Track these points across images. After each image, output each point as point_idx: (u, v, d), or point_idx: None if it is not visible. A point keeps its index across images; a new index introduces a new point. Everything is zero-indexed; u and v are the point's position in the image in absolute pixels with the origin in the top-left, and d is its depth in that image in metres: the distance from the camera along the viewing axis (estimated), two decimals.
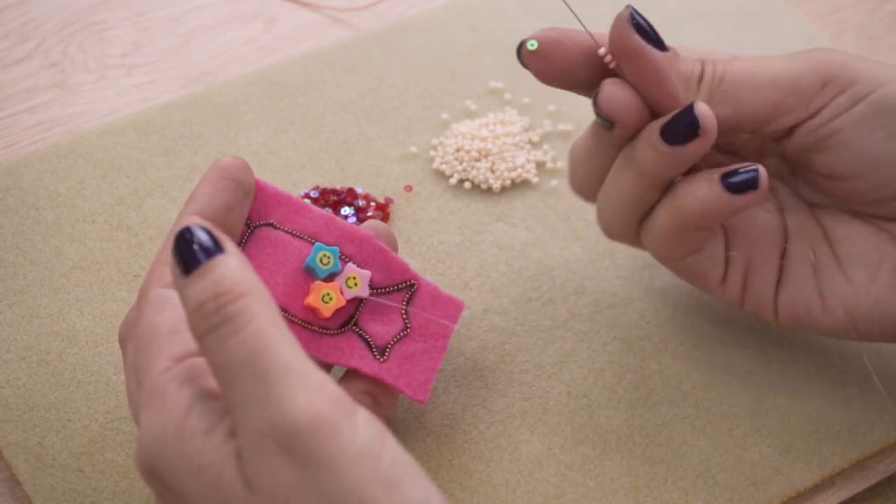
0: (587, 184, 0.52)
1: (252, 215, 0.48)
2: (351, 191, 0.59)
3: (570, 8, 0.49)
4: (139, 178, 0.61)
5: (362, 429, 0.38)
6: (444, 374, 0.53)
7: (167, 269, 0.43)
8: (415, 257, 0.58)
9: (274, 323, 0.38)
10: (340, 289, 0.48)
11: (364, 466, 0.37)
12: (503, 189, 0.61)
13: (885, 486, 0.52)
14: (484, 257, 0.58)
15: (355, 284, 0.48)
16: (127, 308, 0.55)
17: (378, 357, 0.48)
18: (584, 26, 0.49)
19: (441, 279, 0.57)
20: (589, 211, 0.60)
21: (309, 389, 0.37)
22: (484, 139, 0.62)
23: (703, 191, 0.47)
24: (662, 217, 0.49)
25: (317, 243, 0.48)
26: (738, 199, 0.47)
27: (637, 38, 0.47)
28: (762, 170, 0.47)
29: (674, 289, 0.57)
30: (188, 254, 0.40)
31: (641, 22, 0.47)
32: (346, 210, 0.58)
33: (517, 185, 0.61)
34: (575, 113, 0.65)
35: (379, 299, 0.49)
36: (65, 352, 0.53)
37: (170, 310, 0.43)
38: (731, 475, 0.50)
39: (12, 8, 0.72)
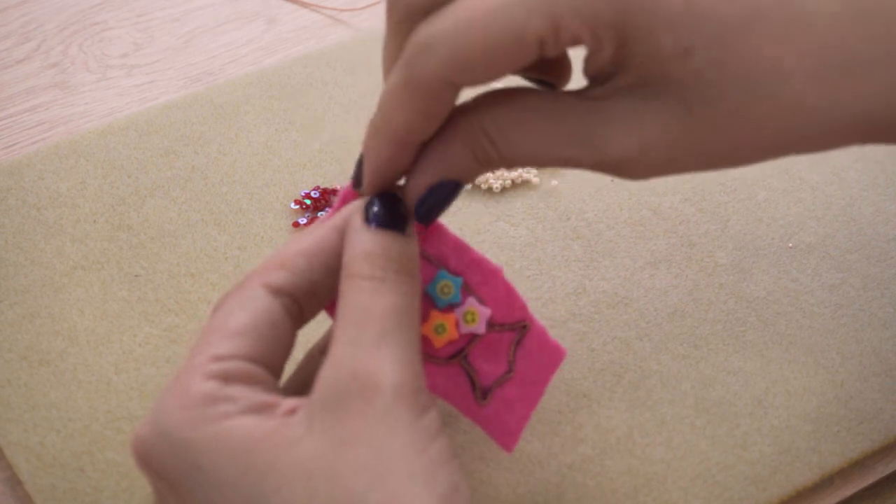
0: None
1: None
2: None
3: None
4: (140, 178, 0.61)
5: (432, 417, 0.40)
6: None
7: (279, 273, 0.43)
8: None
9: (417, 315, 0.42)
10: (457, 322, 0.46)
11: (418, 439, 0.39)
12: (504, 189, 0.61)
13: (885, 486, 0.52)
14: None
15: (473, 320, 0.46)
16: (128, 307, 0.55)
17: (479, 399, 0.47)
18: None
19: None
20: (589, 211, 0.60)
21: (411, 369, 0.40)
22: None
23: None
24: None
25: (441, 270, 0.46)
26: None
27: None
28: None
29: (673, 289, 0.57)
30: (397, 213, 0.43)
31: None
32: None
33: (517, 186, 0.62)
34: None
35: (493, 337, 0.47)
36: (66, 351, 0.53)
37: (250, 311, 0.42)
38: (731, 475, 0.50)
39: (13, 8, 0.72)
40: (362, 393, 0.39)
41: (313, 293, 0.43)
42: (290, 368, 0.45)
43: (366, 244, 0.42)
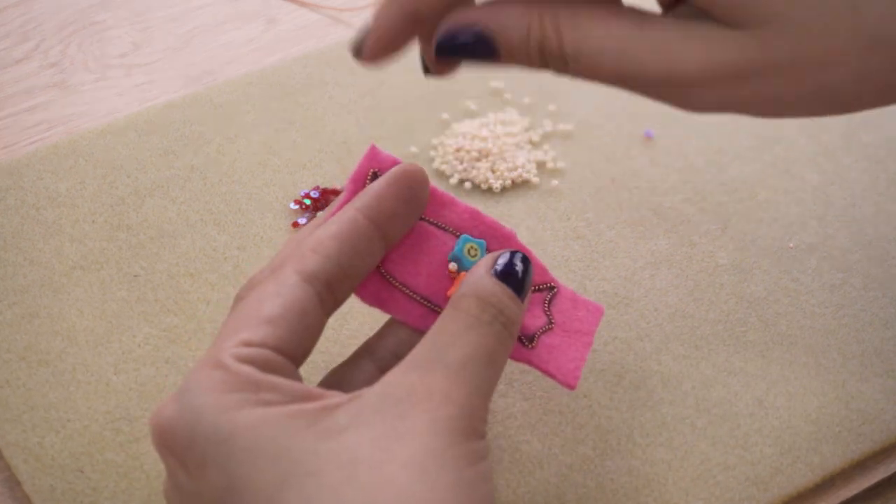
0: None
1: None
2: None
3: None
4: (139, 178, 0.61)
5: (483, 445, 0.41)
6: None
7: (313, 258, 0.43)
8: None
9: (501, 367, 0.43)
10: None
11: (469, 453, 0.40)
12: (504, 189, 0.61)
13: (885, 487, 0.52)
14: None
15: None
16: (127, 307, 0.55)
17: (526, 344, 0.47)
18: None
19: None
20: (589, 211, 0.60)
21: (480, 401, 0.41)
22: (484, 139, 0.62)
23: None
24: None
25: (463, 235, 0.47)
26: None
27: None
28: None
29: (674, 289, 0.57)
30: (521, 276, 0.45)
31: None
32: None
33: (518, 185, 0.61)
34: (575, 113, 0.65)
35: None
36: (65, 352, 0.53)
37: (283, 299, 0.42)
38: (732, 475, 0.50)
39: (12, 8, 0.72)
40: (425, 403, 0.40)
41: (344, 277, 0.43)
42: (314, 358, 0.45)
43: (484, 288, 0.44)
